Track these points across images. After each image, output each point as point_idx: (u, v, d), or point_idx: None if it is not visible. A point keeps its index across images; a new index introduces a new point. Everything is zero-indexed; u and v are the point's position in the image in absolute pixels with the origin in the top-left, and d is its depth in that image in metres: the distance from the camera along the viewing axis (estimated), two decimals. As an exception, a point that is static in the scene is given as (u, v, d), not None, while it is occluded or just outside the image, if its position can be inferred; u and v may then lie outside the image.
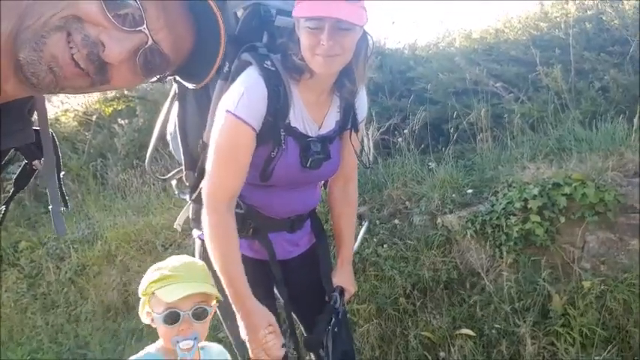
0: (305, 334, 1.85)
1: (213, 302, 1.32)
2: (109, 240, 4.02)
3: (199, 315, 1.26)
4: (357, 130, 1.65)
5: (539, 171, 2.86)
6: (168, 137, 1.80)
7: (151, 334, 1.72)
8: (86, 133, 5.45)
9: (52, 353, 3.60)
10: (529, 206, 2.63)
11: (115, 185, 4.87)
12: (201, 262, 1.42)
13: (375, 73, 4.09)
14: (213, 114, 1.49)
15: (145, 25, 0.68)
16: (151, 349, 1.33)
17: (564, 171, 2.74)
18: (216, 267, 1.45)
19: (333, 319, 1.65)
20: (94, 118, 5.44)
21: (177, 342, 1.24)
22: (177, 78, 0.86)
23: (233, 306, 1.46)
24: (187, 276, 1.27)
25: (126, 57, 0.68)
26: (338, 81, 1.51)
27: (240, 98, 1.41)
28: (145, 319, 1.34)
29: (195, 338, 1.25)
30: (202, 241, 1.68)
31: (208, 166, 1.46)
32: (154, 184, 4.47)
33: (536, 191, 2.63)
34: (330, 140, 1.59)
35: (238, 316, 1.46)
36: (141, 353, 1.32)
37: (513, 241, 2.64)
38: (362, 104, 1.65)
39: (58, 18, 0.64)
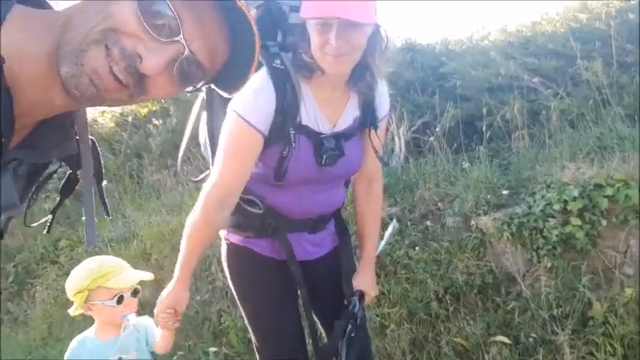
0: (325, 336, 1.83)
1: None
2: (144, 239, 4.09)
3: (135, 293, 1.75)
4: (375, 128, 1.60)
5: (580, 171, 2.73)
6: (201, 143, 1.82)
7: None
8: (123, 134, 5.59)
9: (91, 349, 3.71)
10: (569, 208, 2.52)
11: (149, 185, 4.97)
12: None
13: (405, 70, 4.00)
14: None
15: (181, 36, 0.68)
16: (88, 333, 1.79)
17: (606, 171, 2.61)
18: (180, 253, 1.56)
19: (350, 326, 1.61)
20: (129, 118, 5.58)
21: (126, 316, 1.75)
22: (213, 86, 0.86)
23: (174, 275, 1.59)
24: (123, 266, 1.76)
25: (163, 68, 0.68)
26: (352, 77, 1.48)
27: (248, 100, 1.41)
28: (80, 311, 1.74)
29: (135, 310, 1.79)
30: (228, 242, 1.71)
31: (215, 165, 1.47)
32: (187, 184, 4.53)
33: (576, 192, 2.52)
34: (346, 137, 1.55)
35: (170, 284, 1.60)
36: (75, 342, 1.77)
37: (552, 244, 2.53)
38: (382, 102, 1.61)
39: (96, 31, 0.65)
